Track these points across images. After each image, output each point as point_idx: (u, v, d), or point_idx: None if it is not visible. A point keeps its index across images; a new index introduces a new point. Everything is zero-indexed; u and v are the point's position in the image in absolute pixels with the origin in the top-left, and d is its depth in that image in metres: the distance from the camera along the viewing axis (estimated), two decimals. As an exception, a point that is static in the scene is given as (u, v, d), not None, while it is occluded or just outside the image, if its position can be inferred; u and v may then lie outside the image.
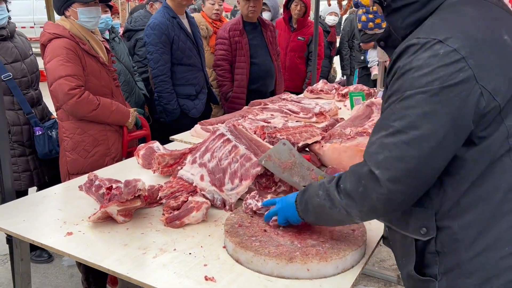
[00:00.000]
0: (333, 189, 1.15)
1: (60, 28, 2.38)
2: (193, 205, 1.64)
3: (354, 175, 1.10)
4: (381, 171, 1.02)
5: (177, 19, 3.27)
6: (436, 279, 1.09)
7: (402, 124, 1.00)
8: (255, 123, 2.77)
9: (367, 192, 1.06)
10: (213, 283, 1.27)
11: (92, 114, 2.39)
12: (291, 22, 4.76)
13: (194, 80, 3.41)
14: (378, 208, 1.07)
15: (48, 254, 3.13)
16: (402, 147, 1.00)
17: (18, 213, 1.70)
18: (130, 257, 1.41)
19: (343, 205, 1.12)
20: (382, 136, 1.04)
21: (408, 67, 1.01)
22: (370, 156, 1.06)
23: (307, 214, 1.27)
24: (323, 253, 1.30)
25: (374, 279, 2.94)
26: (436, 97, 0.97)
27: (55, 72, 2.30)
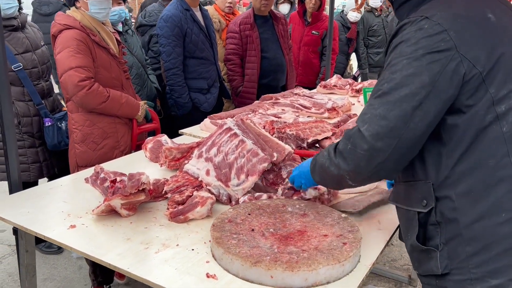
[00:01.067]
0: (331, 148, 1.24)
1: (71, 19, 2.37)
2: (198, 200, 1.61)
3: (346, 135, 1.18)
4: (366, 127, 1.10)
5: (190, 12, 3.24)
6: (438, 249, 1.13)
7: (388, 86, 1.09)
8: (265, 118, 2.73)
9: (354, 148, 1.13)
10: (215, 280, 1.24)
11: (102, 106, 2.37)
12: (306, 16, 4.69)
13: (207, 73, 3.37)
14: (362, 166, 1.13)
15: (57, 247, 3.15)
16: (386, 106, 1.08)
17: (24, 205, 1.69)
18: (132, 252, 1.38)
19: (336, 164, 1.20)
20: (371, 98, 1.13)
21: (399, 41, 1.12)
22: (359, 117, 1.15)
23: (314, 173, 1.36)
24: (294, 262, 1.22)
25: (385, 279, 2.88)
26: (419, 61, 1.06)
27: (65, 63, 2.29)
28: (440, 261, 1.13)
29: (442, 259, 1.13)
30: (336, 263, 1.23)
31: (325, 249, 1.29)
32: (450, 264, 1.12)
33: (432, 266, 1.15)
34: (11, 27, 2.66)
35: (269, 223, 1.44)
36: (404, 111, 1.06)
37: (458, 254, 1.10)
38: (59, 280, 2.86)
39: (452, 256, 1.11)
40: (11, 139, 1.87)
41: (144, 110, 2.63)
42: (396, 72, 1.09)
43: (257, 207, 1.55)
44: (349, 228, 1.41)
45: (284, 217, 1.48)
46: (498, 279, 1.05)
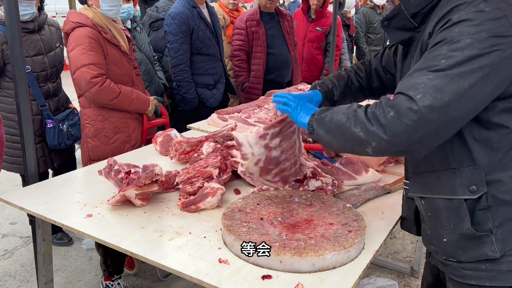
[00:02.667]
0: (361, 110, 1.16)
1: (83, 17, 2.43)
2: (208, 190, 1.68)
3: (386, 102, 1.11)
4: (420, 97, 1.05)
5: (197, 9, 3.30)
6: (492, 233, 1.13)
7: (447, 62, 1.05)
8: (270, 113, 2.79)
9: (398, 117, 1.07)
10: (227, 265, 1.30)
11: (113, 102, 2.45)
12: (310, 12, 4.74)
13: (213, 70, 3.43)
14: (401, 137, 1.08)
15: (69, 237, 3.23)
16: (444, 79, 1.05)
17: (40, 195, 1.77)
18: (146, 239, 1.45)
19: (369, 129, 1.12)
20: (424, 72, 1.08)
21: (457, 19, 1.08)
22: (410, 86, 1.08)
23: (320, 125, 1.26)
24: (302, 248, 1.28)
25: (387, 270, 2.95)
26: (482, 43, 1.04)
27: (78, 60, 2.36)
28: (496, 244, 1.13)
29: (498, 241, 1.13)
30: (342, 249, 1.30)
31: (331, 236, 1.35)
32: (505, 246, 1.13)
33: (486, 251, 1.15)
34: (27, 30, 2.72)
35: (277, 213, 1.51)
36: (460, 87, 1.04)
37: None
38: (70, 271, 2.94)
39: (507, 238, 1.13)
40: (28, 133, 1.94)
41: (154, 105, 2.70)
42: (457, 50, 1.05)
43: (265, 197, 1.62)
44: (354, 217, 1.48)
45: (291, 207, 1.55)
46: None
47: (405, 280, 2.87)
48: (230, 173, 1.87)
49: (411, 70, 1.14)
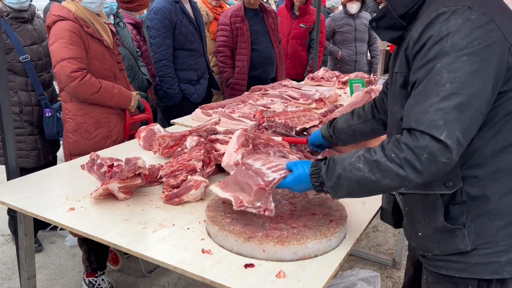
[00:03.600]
0: (383, 160, 1.12)
1: (65, 11, 2.40)
2: (192, 183, 1.69)
3: (412, 145, 1.08)
4: (446, 135, 1.04)
5: (179, 4, 3.30)
6: (464, 227, 1.16)
7: (453, 86, 1.04)
8: (255, 108, 2.81)
9: (434, 158, 1.05)
10: (210, 255, 1.32)
11: (94, 97, 2.42)
12: (293, 9, 4.77)
13: (196, 65, 3.44)
14: (441, 172, 1.09)
15: (38, 242, 3.11)
16: (458, 109, 1.04)
17: (22, 190, 1.75)
18: (130, 231, 1.46)
19: (400, 174, 1.09)
20: (435, 102, 1.06)
21: (445, 33, 1.07)
22: (429, 124, 1.06)
23: (338, 190, 1.22)
24: (284, 237, 1.30)
25: (370, 263, 2.99)
26: (480, 56, 1.05)
27: (58, 54, 2.33)
28: (468, 237, 1.15)
29: (470, 235, 1.15)
30: (323, 238, 1.32)
31: (313, 226, 1.38)
32: (477, 239, 1.15)
33: (458, 244, 1.17)
34: (22, 19, 2.74)
35: (260, 204, 1.52)
36: (475, 109, 1.05)
37: (486, 229, 1.15)
38: (53, 267, 2.91)
39: (479, 231, 1.15)
40: (8, 127, 1.92)
41: (136, 100, 2.68)
42: (458, 70, 1.05)
43: (249, 189, 1.63)
44: (336, 207, 1.51)
45: (274, 198, 1.57)
46: None
47: (387, 272, 2.92)
48: (214, 166, 1.88)
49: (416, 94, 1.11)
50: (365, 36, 5.25)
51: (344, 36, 5.21)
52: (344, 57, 5.24)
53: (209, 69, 3.62)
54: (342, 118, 1.77)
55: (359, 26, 5.15)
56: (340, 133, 1.76)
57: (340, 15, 5.24)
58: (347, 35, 5.19)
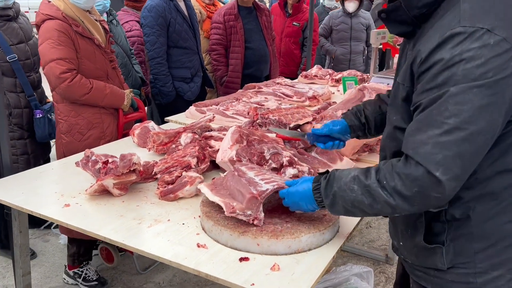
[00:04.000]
0: (375, 186, 1.10)
1: (53, 9, 2.32)
2: (187, 179, 1.70)
3: (404, 175, 1.05)
4: (442, 171, 0.99)
5: (174, 2, 3.30)
6: (443, 245, 1.14)
7: (458, 120, 0.97)
8: (248, 106, 2.82)
9: (425, 192, 1.03)
10: (205, 249, 1.33)
11: (85, 97, 2.36)
12: (287, 7, 4.78)
13: (190, 63, 3.44)
14: (432, 205, 1.07)
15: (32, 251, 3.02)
16: (461, 144, 0.98)
17: (17, 187, 1.75)
18: (125, 227, 1.47)
19: (390, 203, 1.08)
20: (436, 135, 1.00)
21: (458, 58, 0.97)
22: (425, 157, 1.01)
23: (334, 207, 1.21)
24: (278, 231, 1.32)
25: (364, 258, 3.02)
26: (492, 89, 0.96)
27: (47, 55, 2.28)
28: (446, 257, 1.14)
29: (448, 254, 1.14)
30: (316, 231, 1.34)
31: (307, 220, 1.40)
32: (455, 259, 1.13)
33: (436, 261, 1.16)
34: (7, 17, 2.65)
35: (255, 199, 1.54)
36: (479, 145, 1.00)
37: (465, 250, 1.12)
38: (48, 266, 2.91)
39: (458, 251, 1.13)
40: (1, 125, 1.92)
41: (129, 99, 2.62)
42: (465, 104, 0.96)
43: (243, 185, 1.65)
44: (329, 202, 1.53)
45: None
46: (498, 270, 1.11)
47: (380, 267, 2.95)
48: (208, 162, 1.89)
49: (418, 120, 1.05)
50: (362, 35, 5.23)
51: (340, 35, 5.22)
52: (338, 56, 5.26)
53: (203, 67, 3.63)
54: (369, 104, 1.59)
55: (355, 25, 5.16)
56: (373, 120, 1.56)
57: (338, 13, 5.26)
58: (342, 34, 5.20)
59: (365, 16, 5.21)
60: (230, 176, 1.54)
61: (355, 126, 1.59)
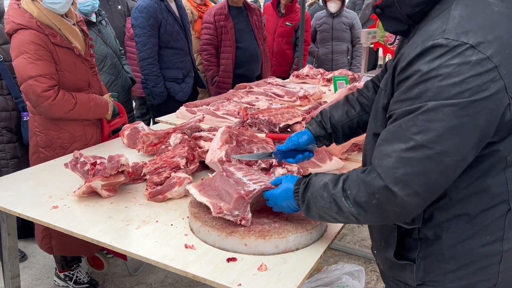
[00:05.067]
0: (339, 195, 1.10)
1: (26, 17, 2.08)
2: (175, 180, 1.70)
3: (365, 185, 1.04)
4: (400, 187, 0.97)
5: (165, 2, 3.29)
6: (414, 263, 1.12)
7: (425, 138, 0.93)
8: (239, 106, 2.83)
9: (382, 205, 1.02)
10: (193, 250, 1.33)
11: (69, 114, 2.19)
12: (279, 7, 4.78)
13: (181, 63, 3.44)
14: (392, 218, 1.06)
15: (22, 253, 3.00)
16: (425, 163, 0.94)
17: (4, 189, 1.74)
18: (113, 228, 1.47)
19: (353, 213, 1.08)
20: (401, 150, 0.97)
21: (434, 73, 0.91)
22: (386, 170, 0.99)
23: (309, 213, 1.22)
24: (266, 231, 1.32)
25: (355, 257, 3.04)
26: (466, 110, 0.90)
27: (24, 71, 2.06)
28: (416, 274, 1.12)
29: (418, 271, 1.12)
30: (304, 231, 1.35)
31: (295, 220, 1.40)
32: (425, 276, 1.12)
33: (406, 276, 1.15)
34: None
35: (243, 199, 1.54)
36: (446, 166, 0.95)
37: (435, 269, 1.11)
38: (38, 268, 2.89)
39: (428, 270, 1.11)
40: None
41: (112, 106, 2.47)
42: (435, 122, 0.92)
43: (232, 185, 1.65)
44: (317, 201, 1.53)
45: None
46: None
47: (371, 266, 2.97)
48: (198, 163, 1.89)
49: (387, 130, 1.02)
50: (344, 35, 5.16)
51: (322, 35, 5.23)
52: (321, 56, 5.28)
53: (194, 67, 3.63)
54: (335, 111, 1.50)
55: (337, 25, 5.13)
56: (341, 129, 1.48)
57: (322, 14, 5.26)
58: (324, 34, 5.21)
59: (348, 15, 5.17)
60: (218, 176, 1.54)
61: (321, 136, 1.50)
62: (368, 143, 1.23)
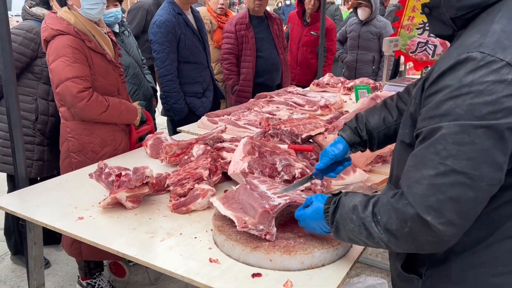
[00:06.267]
0: (369, 220, 1.05)
1: (64, 24, 2.23)
2: (199, 192, 1.70)
3: (396, 212, 0.99)
4: (433, 216, 0.92)
5: (183, 16, 3.22)
6: (421, 278, 1.10)
7: (457, 163, 0.88)
8: (260, 115, 2.83)
9: (415, 234, 0.97)
10: (217, 264, 1.33)
11: (102, 116, 2.28)
12: (305, 16, 4.75)
13: (200, 78, 3.36)
14: (426, 248, 1.00)
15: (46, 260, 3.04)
16: (458, 189, 0.89)
17: (32, 199, 1.77)
18: (138, 240, 1.47)
19: (383, 240, 1.03)
20: (430, 176, 0.92)
21: (466, 90, 0.87)
22: (417, 198, 0.94)
23: (338, 235, 1.18)
24: (291, 247, 1.31)
25: (377, 269, 2.99)
26: (499, 131, 0.86)
27: (61, 73, 2.17)
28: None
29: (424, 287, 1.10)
30: (330, 247, 1.33)
31: (320, 235, 1.38)
32: None
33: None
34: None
35: (267, 212, 1.53)
36: (481, 192, 0.90)
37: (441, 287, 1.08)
38: (61, 275, 2.93)
39: (435, 286, 1.09)
40: (18, 137, 1.94)
41: (140, 113, 2.58)
42: (467, 145, 0.87)
43: (255, 198, 1.64)
44: (342, 215, 1.51)
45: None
46: None
47: (394, 279, 2.91)
48: (220, 174, 1.89)
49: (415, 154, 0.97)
50: (371, 44, 5.04)
51: (350, 42, 5.18)
52: (346, 62, 5.24)
53: (213, 80, 3.56)
54: (371, 116, 1.43)
55: (364, 34, 5.04)
56: (376, 136, 1.42)
57: (354, 20, 5.19)
58: (352, 42, 5.15)
59: (378, 24, 5.05)
60: (242, 189, 1.54)
61: (356, 143, 1.45)
62: (396, 151, 1.19)
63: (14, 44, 2.55)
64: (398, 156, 1.16)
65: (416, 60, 4.15)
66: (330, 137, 2.17)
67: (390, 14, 6.49)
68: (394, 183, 1.18)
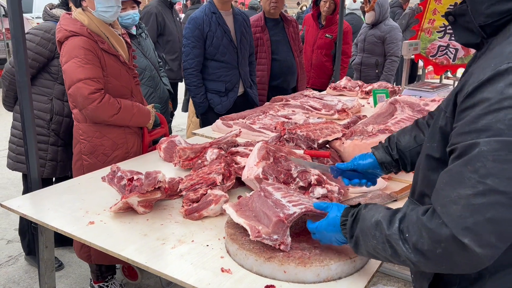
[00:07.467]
0: (396, 237, 0.99)
1: (78, 25, 2.22)
2: (212, 198, 1.66)
3: (428, 232, 0.93)
4: (471, 238, 0.86)
5: (216, 15, 3.23)
6: None
7: (498, 182, 0.83)
8: (276, 119, 2.77)
9: (449, 256, 0.91)
10: (230, 275, 1.28)
11: (113, 118, 2.26)
12: (320, 18, 4.69)
13: (226, 77, 3.34)
14: (463, 270, 0.94)
15: (59, 261, 3.06)
16: (498, 210, 0.84)
17: (43, 202, 1.76)
18: (149, 247, 1.44)
19: (411, 259, 0.97)
20: (468, 195, 0.86)
21: (508, 103, 0.82)
22: (453, 219, 0.88)
23: (358, 250, 1.13)
24: (306, 258, 1.26)
25: (394, 279, 2.90)
26: None
27: (73, 74, 2.16)
28: None
29: None
30: (347, 259, 1.27)
31: (337, 247, 1.32)
32: None
33: None
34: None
35: (282, 221, 1.48)
36: None
37: None
38: (74, 277, 2.93)
39: None
40: (31, 139, 1.93)
41: (154, 116, 2.53)
42: (508, 162, 0.82)
43: (270, 205, 1.59)
44: (360, 225, 1.45)
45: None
46: None
47: (412, 289, 2.82)
48: (234, 180, 1.85)
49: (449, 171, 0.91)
50: (374, 48, 4.97)
51: (358, 45, 5.18)
52: (354, 65, 5.21)
53: (244, 83, 3.46)
54: (402, 136, 1.42)
55: (368, 37, 4.98)
56: (409, 155, 1.39)
57: (365, 24, 5.18)
58: (359, 45, 5.15)
59: (383, 28, 4.93)
60: (256, 196, 1.49)
61: (387, 163, 1.42)
62: (421, 163, 1.12)
63: (32, 44, 2.57)
64: (423, 171, 1.10)
65: (437, 64, 4.05)
66: (348, 143, 2.10)
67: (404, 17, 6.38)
68: (417, 198, 1.12)
